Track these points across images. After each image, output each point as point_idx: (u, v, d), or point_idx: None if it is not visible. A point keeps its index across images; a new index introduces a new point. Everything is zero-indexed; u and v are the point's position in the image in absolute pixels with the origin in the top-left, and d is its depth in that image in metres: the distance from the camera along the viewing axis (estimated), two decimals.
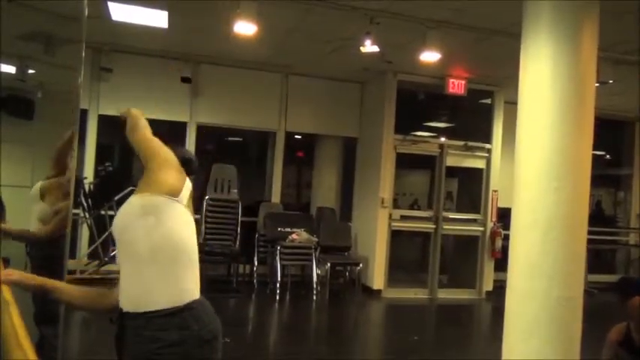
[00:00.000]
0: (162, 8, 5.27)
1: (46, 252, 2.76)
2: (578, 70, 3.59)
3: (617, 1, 4.08)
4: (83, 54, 2.61)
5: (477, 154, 7.75)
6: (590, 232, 3.77)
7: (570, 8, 3.61)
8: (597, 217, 9.27)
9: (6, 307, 1.50)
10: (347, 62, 6.80)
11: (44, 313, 2.84)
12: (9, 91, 5.27)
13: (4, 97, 5.29)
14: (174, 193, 1.68)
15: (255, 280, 7.12)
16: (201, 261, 1.76)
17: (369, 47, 5.25)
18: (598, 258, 9.28)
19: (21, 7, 4.76)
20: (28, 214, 3.09)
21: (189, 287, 1.63)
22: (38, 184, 3.13)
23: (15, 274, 1.66)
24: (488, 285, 7.67)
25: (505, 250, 4.87)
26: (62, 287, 1.82)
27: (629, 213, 9.41)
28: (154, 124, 1.86)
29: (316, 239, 7.05)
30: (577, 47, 3.59)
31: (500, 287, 5.89)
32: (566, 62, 3.58)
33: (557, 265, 3.50)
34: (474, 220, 7.75)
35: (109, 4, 5.12)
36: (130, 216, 1.65)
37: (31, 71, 5.06)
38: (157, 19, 5.49)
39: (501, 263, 6.84)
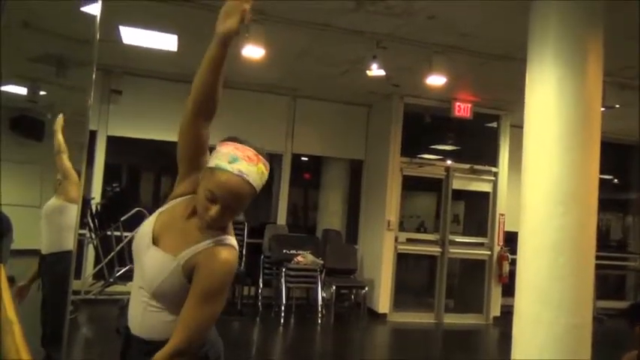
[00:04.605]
0: (172, 32, 5.36)
1: (56, 271, 2.78)
2: (583, 94, 3.60)
3: (623, 25, 4.11)
4: (94, 76, 2.65)
5: (484, 177, 7.73)
6: (598, 257, 3.72)
7: (575, 33, 3.64)
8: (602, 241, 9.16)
9: (9, 327, 1.50)
10: (354, 85, 6.86)
11: (52, 335, 2.84)
12: (20, 112, 5.35)
13: (16, 117, 5.37)
14: None
15: (259, 303, 7.07)
16: None
17: (375, 71, 5.30)
18: (607, 284, 9.13)
19: (34, 30, 4.87)
20: (37, 233, 3.12)
21: None
22: None
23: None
24: (495, 310, 7.56)
25: (512, 274, 4.81)
26: None
27: (639, 237, 9.31)
28: (163, 145, 1.83)
29: (322, 262, 7.00)
30: (582, 71, 3.60)
31: (507, 313, 5.80)
32: (572, 86, 3.59)
33: (565, 290, 3.45)
34: (481, 244, 7.69)
35: (121, 27, 5.22)
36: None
37: (42, 93, 5.15)
38: (167, 42, 5.59)
39: (509, 288, 6.75)
